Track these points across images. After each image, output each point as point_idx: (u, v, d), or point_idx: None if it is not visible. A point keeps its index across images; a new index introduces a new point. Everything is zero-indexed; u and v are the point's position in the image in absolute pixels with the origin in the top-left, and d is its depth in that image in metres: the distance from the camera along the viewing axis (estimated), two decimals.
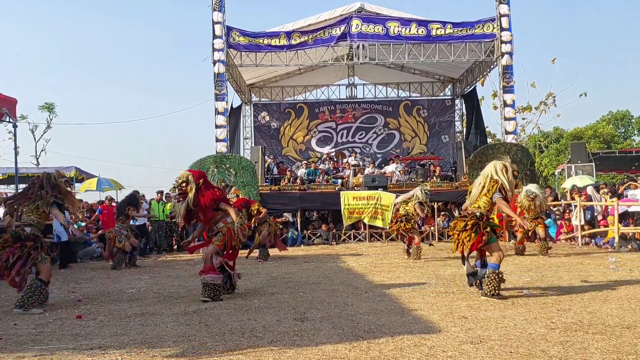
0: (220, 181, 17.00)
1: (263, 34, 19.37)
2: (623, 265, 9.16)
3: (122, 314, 5.95)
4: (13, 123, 11.89)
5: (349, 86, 24.26)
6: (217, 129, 18.88)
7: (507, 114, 19.10)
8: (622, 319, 5.08)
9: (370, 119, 23.71)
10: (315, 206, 17.28)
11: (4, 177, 19.34)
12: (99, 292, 7.80)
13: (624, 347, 4.15)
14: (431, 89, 24.73)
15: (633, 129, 47.82)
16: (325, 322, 5.22)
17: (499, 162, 6.54)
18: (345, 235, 16.17)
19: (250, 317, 5.55)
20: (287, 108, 23.82)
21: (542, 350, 4.11)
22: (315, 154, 23.08)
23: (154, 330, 5.12)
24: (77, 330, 5.23)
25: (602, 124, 44.47)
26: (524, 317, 5.27)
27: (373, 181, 16.45)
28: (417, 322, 5.15)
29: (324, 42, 19.16)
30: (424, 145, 23.38)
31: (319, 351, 4.23)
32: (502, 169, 6.44)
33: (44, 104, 33.00)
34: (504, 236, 15.53)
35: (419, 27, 19.02)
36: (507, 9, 18.93)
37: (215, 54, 18.71)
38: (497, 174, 6.42)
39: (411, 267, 9.67)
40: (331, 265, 10.46)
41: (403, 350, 4.19)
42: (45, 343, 4.74)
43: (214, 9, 18.77)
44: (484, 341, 4.41)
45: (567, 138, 39.59)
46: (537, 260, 10.26)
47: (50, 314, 6.10)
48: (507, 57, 18.84)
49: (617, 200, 12.18)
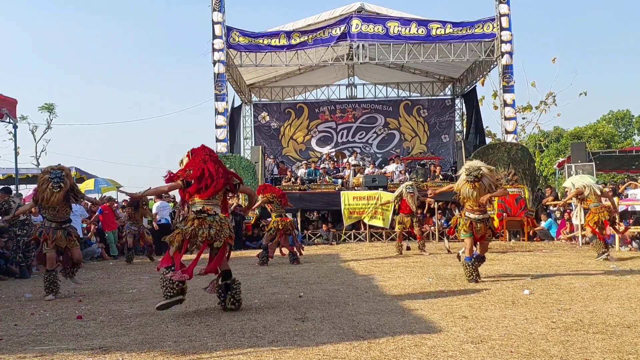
0: None
1: (263, 34, 19.37)
2: (623, 265, 9.16)
3: (123, 314, 5.95)
4: (13, 123, 11.89)
5: (349, 86, 24.27)
6: (217, 129, 18.89)
7: (507, 113, 19.10)
8: (622, 319, 5.07)
9: (370, 118, 23.71)
10: (316, 206, 17.29)
11: (4, 178, 19.31)
12: (99, 292, 7.79)
13: (624, 347, 4.15)
14: (431, 89, 24.72)
15: (633, 129, 47.84)
16: (325, 322, 5.22)
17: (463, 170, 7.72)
18: (345, 235, 16.17)
19: (251, 317, 5.55)
20: (287, 108, 23.82)
21: (543, 350, 4.11)
22: (315, 154, 23.08)
23: (154, 330, 5.12)
24: (77, 330, 5.23)
25: (602, 124, 44.48)
26: (525, 316, 5.26)
27: (373, 181, 16.45)
28: (417, 322, 5.15)
29: (324, 42, 19.16)
30: (424, 145, 23.39)
31: (320, 351, 4.23)
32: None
33: (44, 105, 33.07)
34: (504, 236, 15.53)
35: (419, 26, 19.03)
36: (507, 8, 18.93)
37: (215, 54, 18.72)
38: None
39: (411, 267, 9.67)
40: (331, 265, 10.46)
41: (404, 350, 4.19)
42: (46, 343, 4.74)
43: (214, 9, 18.77)
44: (484, 341, 4.41)
45: (567, 137, 39.60)
46: (537, 260, 10.25)
47: (50, 315, 6.10)
48: (507, 56, 18.84)
49: (617, 200, 12.18)
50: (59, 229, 7.14)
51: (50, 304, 6.82)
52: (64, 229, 7.22)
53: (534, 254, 11.35)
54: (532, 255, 11.15)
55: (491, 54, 19.36)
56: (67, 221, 7.33)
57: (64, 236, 7.17)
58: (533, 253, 11.65)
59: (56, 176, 7.00)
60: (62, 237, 7.13)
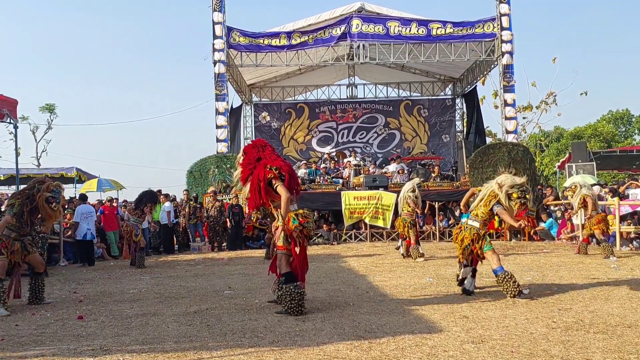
0: (221, 181, 17.05)
1: (263, 34, 19.39)
2: (624, 265, 9.16)
3: (124, 315, 5.95)
4: (14, 124, 11.87)
5: (349, 86, 24.28)
6: (218, 129, 18.91)
7: (508, 113, 19.12)
8: (623, 318, 5.07)
9: (370, 118, 23.72)
10: (316, 206, 17.25)
11: (5, 178, 19.34)
12: (100, 292, 7.79)
13: (625, 347, 4.15)
14: (432, 89, 24.73)
15: (633, 128, 47.82)
16: (326, 322, 5.22)
17: (499, 183, 6.49)
18: (346, 235, 16.16)
19: (252, 317, 5.55)
20: (288, 108, 23.84)
21: (544, 350, 4.11)
22: (315, 154, 23.09)
23: (155, 330, 5.12)
24: (78, 331, 5.23)
25: (602, 123, 44.47)
26: (525, 316, 5.26)
27: (374, 181, 16.44)
28: (418, 322, 5.15)
29: (325, 42, 19.18)
30: (425, 144, 23.40)
31: (320, 351, 4.23)
32: (506, 190, 6.41)
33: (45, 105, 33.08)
34: (505, 236, 15.53)
35: (419, 26, 19.04)
36: (507, 8, 18.96)
37: (215, 54, 18.75)
38: (499, 189, 6.46)
39: (412, 267, 9.66)
40: (332, 265, 10.46)
41: (404, 350, 4.19)
42: (47, 344, 4.74)
43: (214, 10, 18.81)
44: (485, 341, 4.41)
45: (568, 137, 39.58)
46: (537, 260, 10.25)
47: (51, 315, 6.11)
48: (508, 56, 18.86)
49: (617, 200, 12.17)
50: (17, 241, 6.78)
51: (51, 305, 6.82)
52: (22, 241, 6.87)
53: (534, 254, 11.34)
54: (533, 255, 11.14)
55: (492, 53, 19.37)
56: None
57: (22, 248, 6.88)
58: (534, 253, 11.64)
59: (58, 194, 7.08)
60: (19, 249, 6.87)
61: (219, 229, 15.10)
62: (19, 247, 6.73)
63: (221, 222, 15.08)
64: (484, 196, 6.65)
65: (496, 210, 6.46)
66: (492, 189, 6.56)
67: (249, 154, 6.00)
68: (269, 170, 5.70)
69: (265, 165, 5.75)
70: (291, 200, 5.82)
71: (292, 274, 5.70)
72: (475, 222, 6.59)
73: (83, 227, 12.20)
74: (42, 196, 6.83)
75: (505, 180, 6.48)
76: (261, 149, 6.03)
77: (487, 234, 6.65)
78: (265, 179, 5.68)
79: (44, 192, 6.86)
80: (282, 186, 5.63)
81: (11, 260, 6.66)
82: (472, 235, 6.52)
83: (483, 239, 6.52)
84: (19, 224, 6.76)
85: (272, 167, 5.71)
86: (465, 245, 6.59)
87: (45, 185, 6.95)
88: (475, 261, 6.70)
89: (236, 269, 10.19)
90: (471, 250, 6.57)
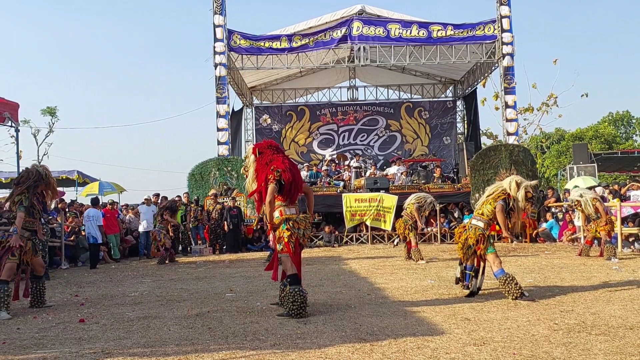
0: (222, 184, 17.06)
1: (264, 36, 19.42)
2: (626, 267, 9.15)
3: (125, 318, 5.95)
4: (15, 127, 11.92)
5: (350, 88, 24.30)
6: (219, 132, 18.92)
7: (509, 115, 19.11)
8: (625, 320, 5.06)
9: (371, 121, 23.72)
10: (317, 208, 17.26)
11: (7, 182, 19.34)
12: (101, 295, 7.80)
13: (627, 348, 4.14)
14: (432, 91, 24.75)
15: (634, 129, 47.79)
16: (328, 325, 5.21)
17: (517, 181, 6.51)
18: (347, 238, 16.15)
19: (253, 320, 5.55)
20: (289, 110, 23.86)
21: (546, 352, 4.10)
22: (316, 157, 23.10)
23: (157, 333, 5.12)
24: (80, 334, 5.23)
25: (603, 125, 44.44)
26: (527, 318, 5.26)
27: (375, 183, 16.43)
28: (420, 324, 5.14)
29: (325, 45, 19.20)
30: (426, 147, 23.40)
31: (322, 353, 4.23)
32: (515, 187, 6.44)
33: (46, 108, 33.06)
34: (506, 239, 15.51)
35: (420, 29, 19.05)
36: (507, 10, 18.96)
37: (216, 57, 18.77)
38: (509, 188, 6.47)
39: (414, 269, 9.65)
40: (333, 267, 10.45)
41: (406, 353, 4.18)
42: (49, 347, 4.75)
43: (215, 12, 18.83)
44: (487, 343, 4.40)
45: (569, 139, 39.55)
46: (539, 262, 10.25)
47: (53, 318, 6.11)
48: (508, 58, 18.87)
49: (618, 201, 12.16)
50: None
51: (52, 308, 6.82)
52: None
53: (536, 256, 11.33)
54: (534, 257, 11.13)
55: (492, 55, 19.37)
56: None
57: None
58: (535, 255, 11.62)
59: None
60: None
61: (220, 232, 15.11)
62: (30, 246, 6.79)
63: (222, 224, 15.09)
64: (491, 194, 6.61)
65: (496, 205, 6.42)
66: (503, 187, 6.55)
67: (265, 154, 6.03)
68: (272, 171, 5.78)
69: (271, 167, 5.83)
70: (288, 204, 5.91)
71: (296, 276, 5.74)
72: (480, 222, 6.55)
73: (91, 230, 12.65)
74: (49, 174, 7.00)
75: (523, 180, 6.53)
76: (275, 151, 6.12)
77: (491, 235, 6.61)
78: (267, 180, 5.78)
79: (46, 170, 7.03)
80: (271, 187, 5.70)
81: (23, 260, 6.71)
82: (477, 235, 6.49)
83: (487, 240, 6.50)
84: (33, 218, 6.81)
85: (276, 169, 5.78)
86: (469, 245, 6.56)
87: (41, 167, 7.11)
88: (479, 262, 6.67)
89: (237, 272, 10.19)
90: (474, 251, 6.54)
